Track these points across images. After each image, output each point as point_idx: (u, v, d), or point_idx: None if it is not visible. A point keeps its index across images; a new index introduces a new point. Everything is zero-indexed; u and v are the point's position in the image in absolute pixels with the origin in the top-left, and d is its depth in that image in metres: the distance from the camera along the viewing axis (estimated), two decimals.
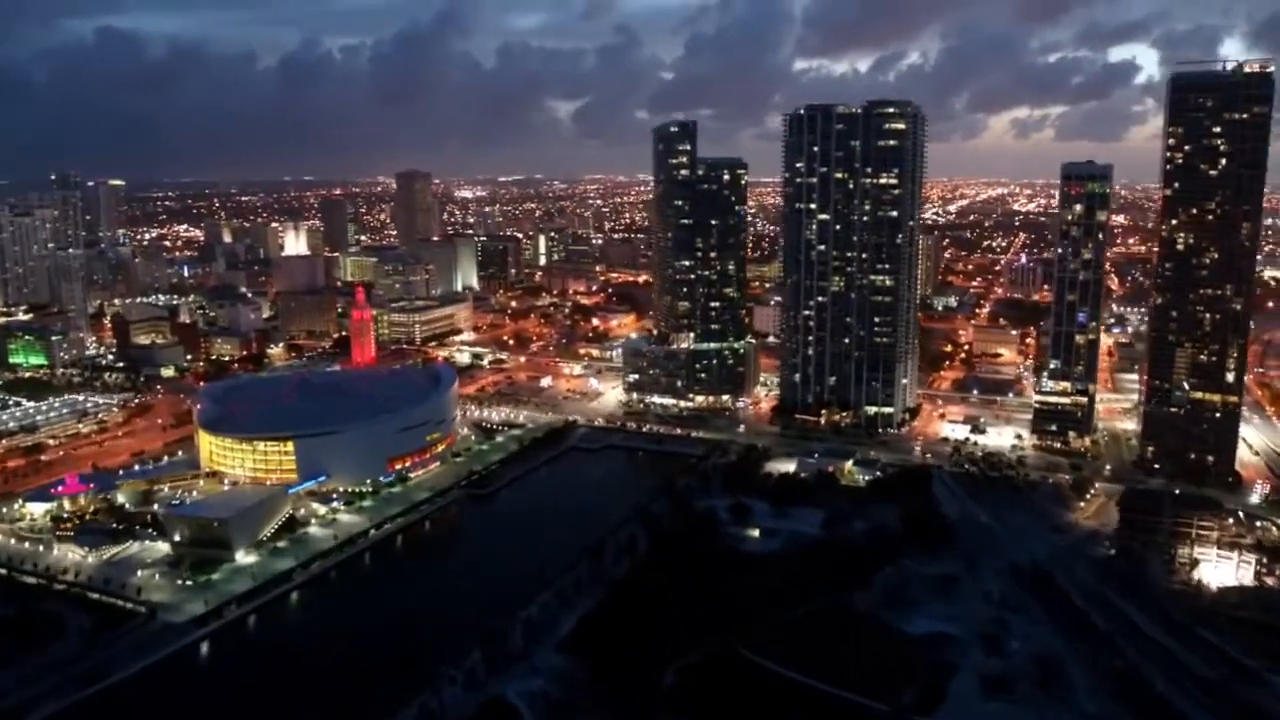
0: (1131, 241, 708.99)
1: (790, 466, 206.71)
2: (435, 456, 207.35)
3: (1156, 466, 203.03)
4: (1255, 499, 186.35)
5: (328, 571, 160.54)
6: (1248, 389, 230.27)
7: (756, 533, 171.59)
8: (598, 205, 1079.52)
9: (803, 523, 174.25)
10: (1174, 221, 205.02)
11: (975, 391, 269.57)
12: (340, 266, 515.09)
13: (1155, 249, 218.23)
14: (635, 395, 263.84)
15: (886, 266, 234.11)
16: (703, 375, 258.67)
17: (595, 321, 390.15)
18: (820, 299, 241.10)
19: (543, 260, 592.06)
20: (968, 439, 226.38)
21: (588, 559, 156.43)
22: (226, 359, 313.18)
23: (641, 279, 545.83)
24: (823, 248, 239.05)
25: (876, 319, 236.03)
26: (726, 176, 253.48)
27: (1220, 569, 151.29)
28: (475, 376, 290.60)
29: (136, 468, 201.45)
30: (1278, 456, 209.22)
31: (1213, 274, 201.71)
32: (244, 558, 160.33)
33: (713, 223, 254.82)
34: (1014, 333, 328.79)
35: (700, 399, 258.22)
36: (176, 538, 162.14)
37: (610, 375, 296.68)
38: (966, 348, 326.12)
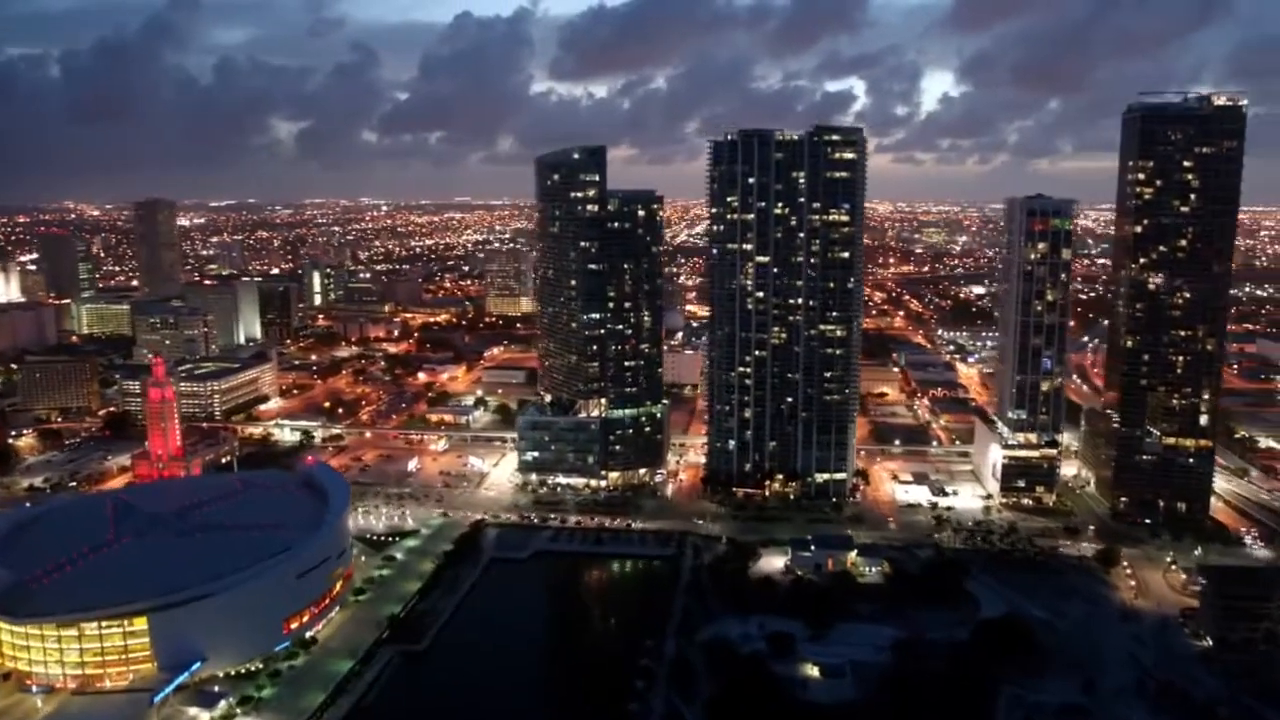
0: (892, 262, 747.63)
1: (779, 561, 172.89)
2: (335, 601, 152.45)
3: (1148, 521, 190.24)
4: (1260, 552, 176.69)
5: None
6: None
7: (816, 671, 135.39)
8: (337, 233, 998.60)
9: (856, 647, 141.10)
10: (1142, 260, 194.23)
11: (897, 442, 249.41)
12: (73, 317, 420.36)
13: (1110, 286, 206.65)
14: (536, 476, 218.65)
15: (837, 315, 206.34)
16: (617, 448, 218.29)
17: (422, 376, 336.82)
18: (759, 353, 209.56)
19: (318, 300, 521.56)
20: (935, 504, 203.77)
21: None
22: None
23: (441, 318, 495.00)
24: (761, 295, 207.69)
25: (827, 374, 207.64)
26: (641, 213, 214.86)
27: None
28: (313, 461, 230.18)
29: None
30: (1248, 501, 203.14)
31: (1185, 315, 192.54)
32: None
33: (626, 267, 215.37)
34: (895, 370, 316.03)
35: (615, 476, 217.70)
36: None
37: (480, 447, 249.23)
38: None
